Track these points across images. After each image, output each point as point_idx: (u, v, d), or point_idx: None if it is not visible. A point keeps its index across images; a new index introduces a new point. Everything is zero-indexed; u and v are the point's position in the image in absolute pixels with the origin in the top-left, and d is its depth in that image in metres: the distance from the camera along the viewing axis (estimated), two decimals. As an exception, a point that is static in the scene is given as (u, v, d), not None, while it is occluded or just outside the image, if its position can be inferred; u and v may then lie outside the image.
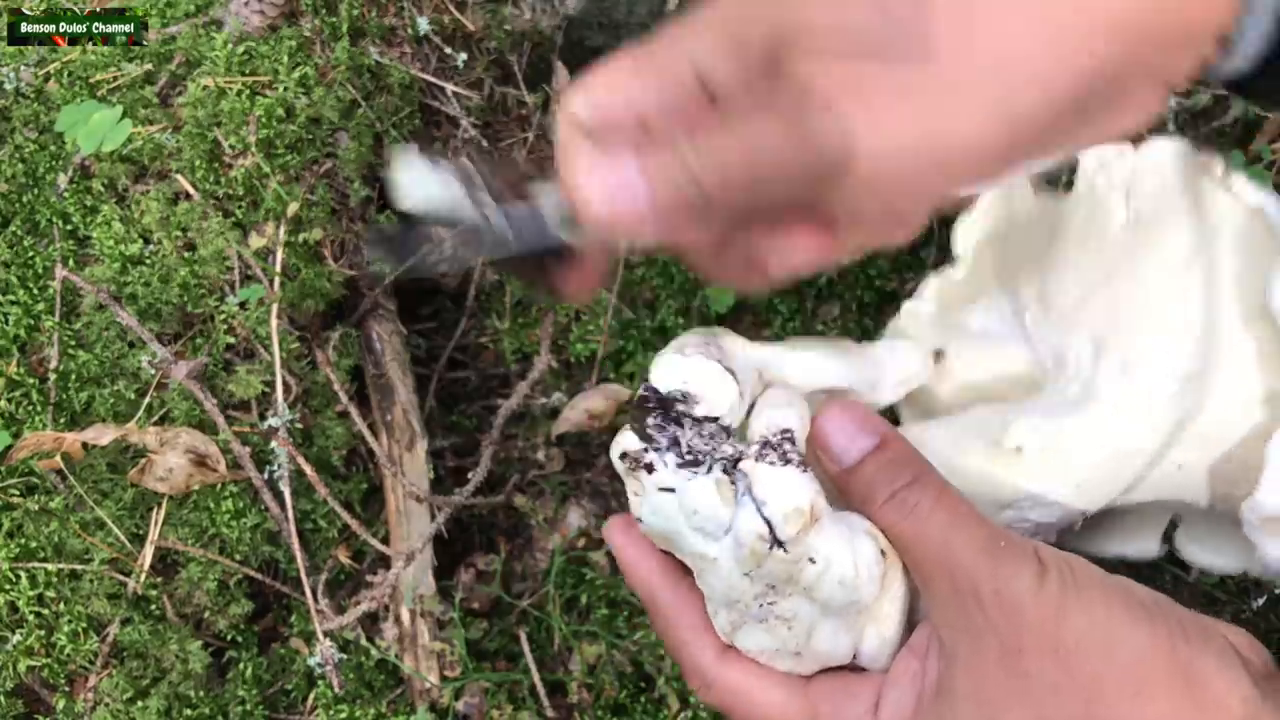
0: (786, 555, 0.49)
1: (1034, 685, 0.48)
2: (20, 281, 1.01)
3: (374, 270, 0.49)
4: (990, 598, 0.49)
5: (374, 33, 1.15)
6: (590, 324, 1.20)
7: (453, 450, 1.17)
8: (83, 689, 0.87)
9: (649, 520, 0.53)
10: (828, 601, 0.51)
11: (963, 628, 0.50)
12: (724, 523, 0.50)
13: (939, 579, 0.50)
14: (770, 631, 0.53)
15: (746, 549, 0.49)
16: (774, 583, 0.51)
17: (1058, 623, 0.48)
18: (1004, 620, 0.49)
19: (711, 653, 0.55)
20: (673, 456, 0.51)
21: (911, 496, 0.51)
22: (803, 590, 0.51)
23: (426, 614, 0.97)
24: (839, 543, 0.50)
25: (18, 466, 0.92)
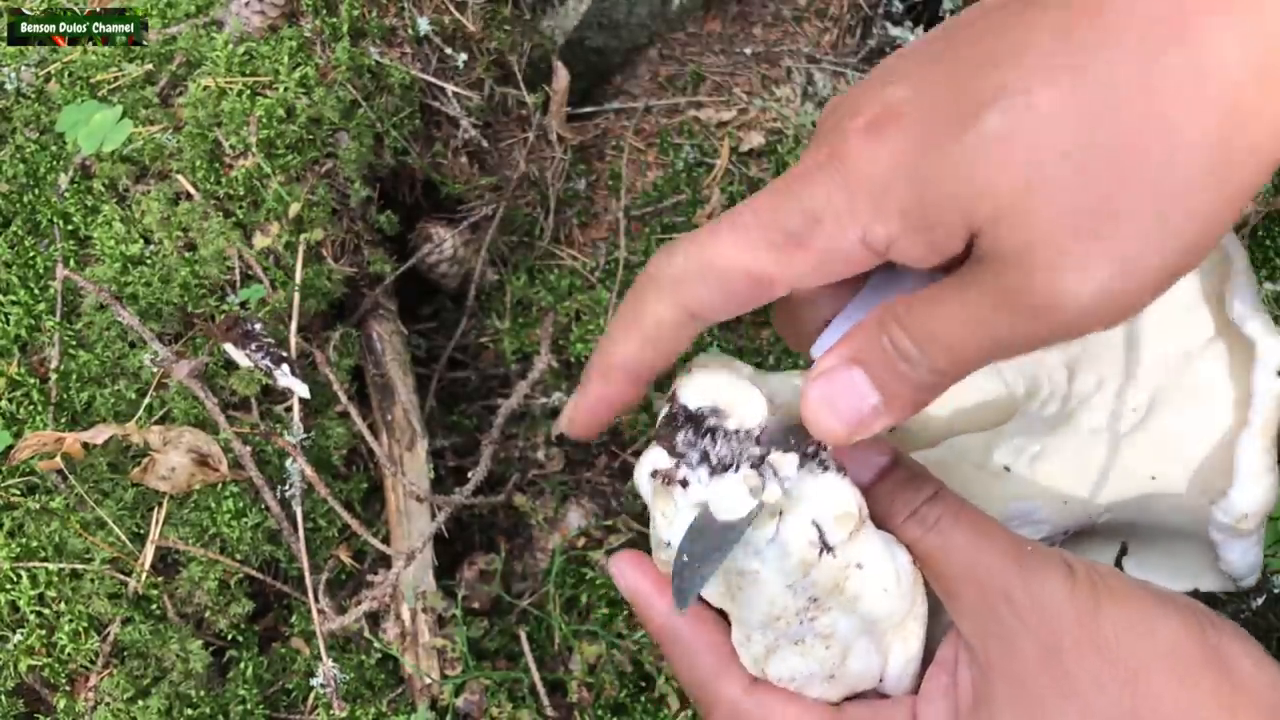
0: (836, 560, 0.49)
1: (1078, 682, 0.48)
2: (21, 281, 1.01)
3: None
4: (1023, 601, 0.49)
5: (374, 33, 1.15)
6: (590, 324, 1.20)
7: (453, 450, 1.17)
8: (83, 688, 0.87)
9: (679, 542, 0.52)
10: (869, 612, 0.51)
11: (996, 634, 0.50)
12: (768, 533, 0.49)
13: (967, 589, 0.50)
14: (805, 654, 0.52)
15: (796, 556, 0.49)
16: (818, 594, 0.50)
17: (1095, 619, 0.48)
18: (1040, 622, 0.49)
19: (740, 685, 0.54)
20: (705, 471, 0.50)
21: (932, 512, 0.51)
22: (848, 600, 0.50)
23: (429, 610, 0.98)
24: (882, 550, 0.50)
25: (19, 466, 0.92)
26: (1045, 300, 0.41)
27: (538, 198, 1.29)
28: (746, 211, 0.45)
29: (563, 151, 1.31)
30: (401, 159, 1.17)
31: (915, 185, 0.41)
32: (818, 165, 0.43)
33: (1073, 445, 0.65)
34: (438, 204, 1.25)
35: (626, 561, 0.56)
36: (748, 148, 1.34)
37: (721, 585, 0.52)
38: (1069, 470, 0.65)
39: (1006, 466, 0.64)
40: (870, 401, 0.46)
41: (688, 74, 1.45)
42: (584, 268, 1.26)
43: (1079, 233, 0.39)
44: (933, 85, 0.42)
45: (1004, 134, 0.40)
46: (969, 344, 0.43)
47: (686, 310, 0.47)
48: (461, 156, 1.23)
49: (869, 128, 0.42)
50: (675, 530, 0.51)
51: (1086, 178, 0.39)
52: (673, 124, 1.38)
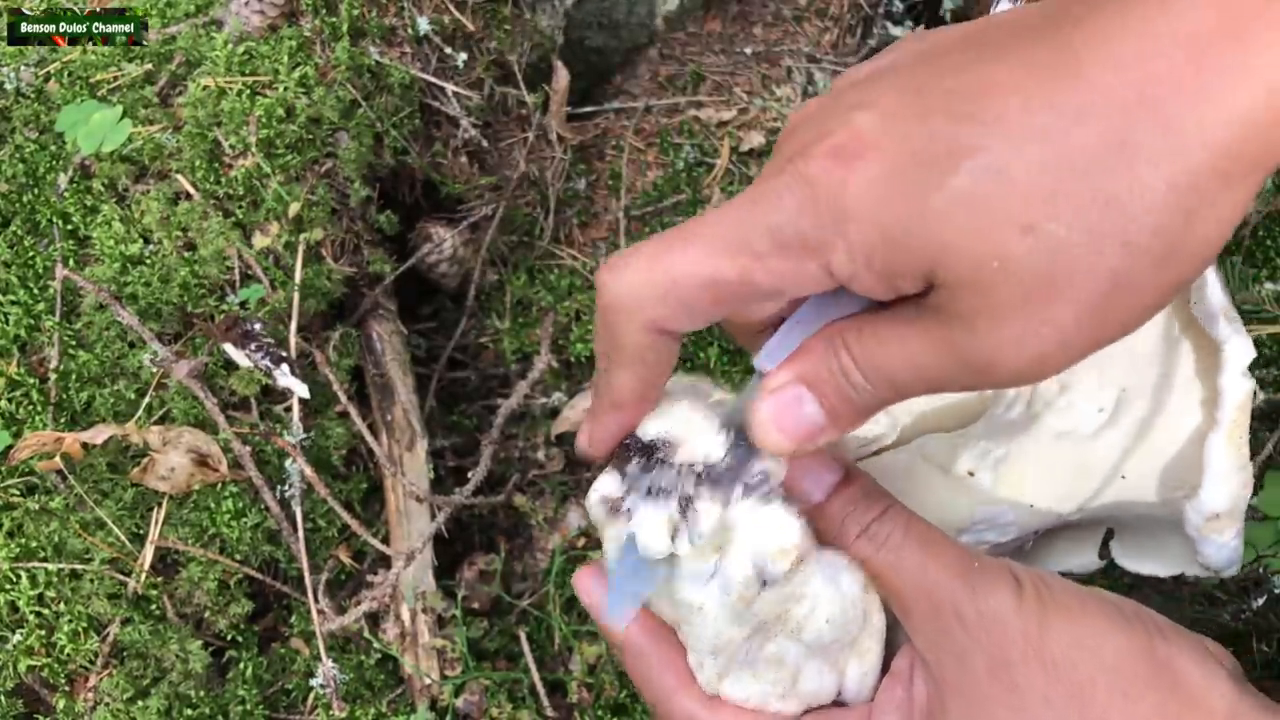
0: (775, 595, 0.50)
1: (1025, 697, 0.49)
2: (21, 281, 1.01)
3: None
4: (972, 617, 0.50)
5: (374, 33, 1.15)
6: (590, 324, 1.20)
7: (453, 450, 1.17)
8: (83, 689, 0.87)
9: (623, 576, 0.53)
10: (815, 641, 0.52)
11: (947, 649, 0.50)
12: (709, 568, 0.50)
13: (918, 605, 0.51)
14: (758, 676, 0.53)
15: (735, 593, 0.50)
16: (763, 622, 0.51)
17: (1042, 634, 0.49)
18: (988, 637, 0.50)
19: (698, 702, 0.55)
20: (645, 503, 0.51)
21: (883, 529, 0.52)
22: (791, 631, 0.51)
23: (429, 610, 0.97)
24: (825, 581, 0.51)
25: (18, 466, 0.92)
26: (984, 361, 0.43)
27: (538, 198, 1.29)
28: (705, 224, 0.45)
29: (563, 151, 1.31)
30: (401, 159, 1.17)
31: (881, 228, 0.42)
32: (785, 185, 0.44)
33: (1039, 448, 0.65)
34: (438, 204, 1.25)
35: (589, 576, 0.57)
36: (748, 147, 1.34)
37: (670, 612, 0.54)
38: (1036, 473, 0.65)
39: (971, 472, 0.65)
40: (816, 421, 0.47)
41: (688, 74, 1.45)
42: (584, 268, 1.26)
43: (1028, 306, 0.41)
44: (904, 121, 0.42)
45: (973, 200, 0.40)
46: (910, 379, 0.45)
47: (656, 328, 0.47)
48: (461, 156, 1.23)
49: (837, 154, 0.42)
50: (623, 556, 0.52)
51: (1045, 256, 0.40)
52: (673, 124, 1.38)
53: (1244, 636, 0.77)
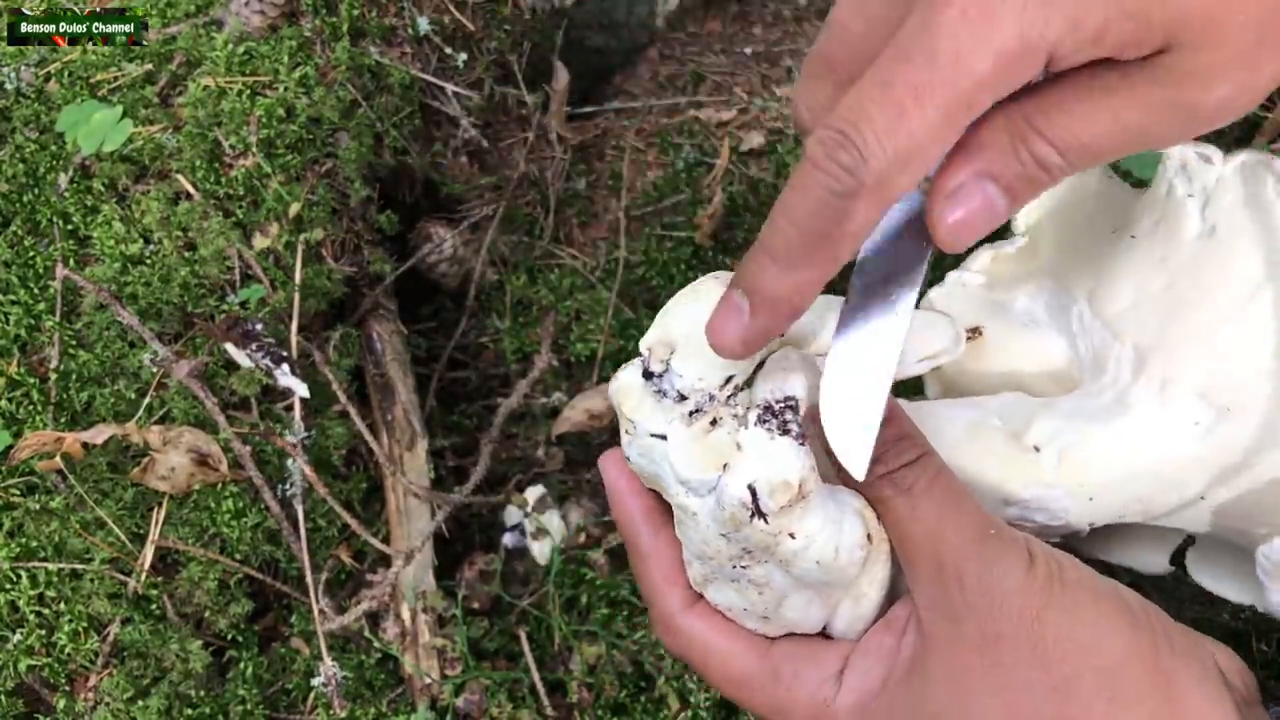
0: (767, 527, 0.49)
1: (1008, 677, 0.48)
2: (21, 281, 1.01)
3: None
4: (974, 584, 0.49)
5: (374, 33, 1.15)
6: (590, 324, 1.20)
7: (453, 450, 1.17)
8: (83, 688, 0.87)
9: (636, 461, 0.53)
10: (802, 577, 0.51)
11: (943, 611, 0.50)
12: (709, 481, 0.49)
13: (924, 560, 0.50)
14: (741, 592, 0.53)
15: (727, 513, 0.49)
16: (750, 549, 0.50)
17: (1039, 617, 0.48)
18: (985, 607, 0.49)
19: (679, 601, 0.56)
20: (670, 402, 0.50)
21: (909, 475, 0.51)
22: (779, 562, 0.50)
23: (429, 609, 0.98)
24: (824, 523, 0.50)
25: (19, 466, 0.92)
26: (1211, 108, 0.44)
27: (538, 198, 1.29)
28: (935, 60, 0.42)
29: (563, 151, 1.31)
30: (401, 159, 1.17)
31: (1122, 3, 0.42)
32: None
33: (1114, 444, 0.61)
34: (438, 204, 1.25)
35: (612, 461, 0.57)
36: (748, 147, 1.34)
37: (672, 508, 0.53)
38: (1105, 469, 0.61)
39: (1037, 447, 0.61)
40: (999, 207, 0.46)
41: (688, 74, 1.45)
42: (584, 267, 1.26)
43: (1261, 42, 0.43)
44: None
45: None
46: (1113, 144, 0.45)
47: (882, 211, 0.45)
48: (461, 156, 1.23)
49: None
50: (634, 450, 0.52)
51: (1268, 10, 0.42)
52: (673, 124, 1.38)
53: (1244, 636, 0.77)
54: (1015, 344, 0.68)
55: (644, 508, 0.57)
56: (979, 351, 0.69)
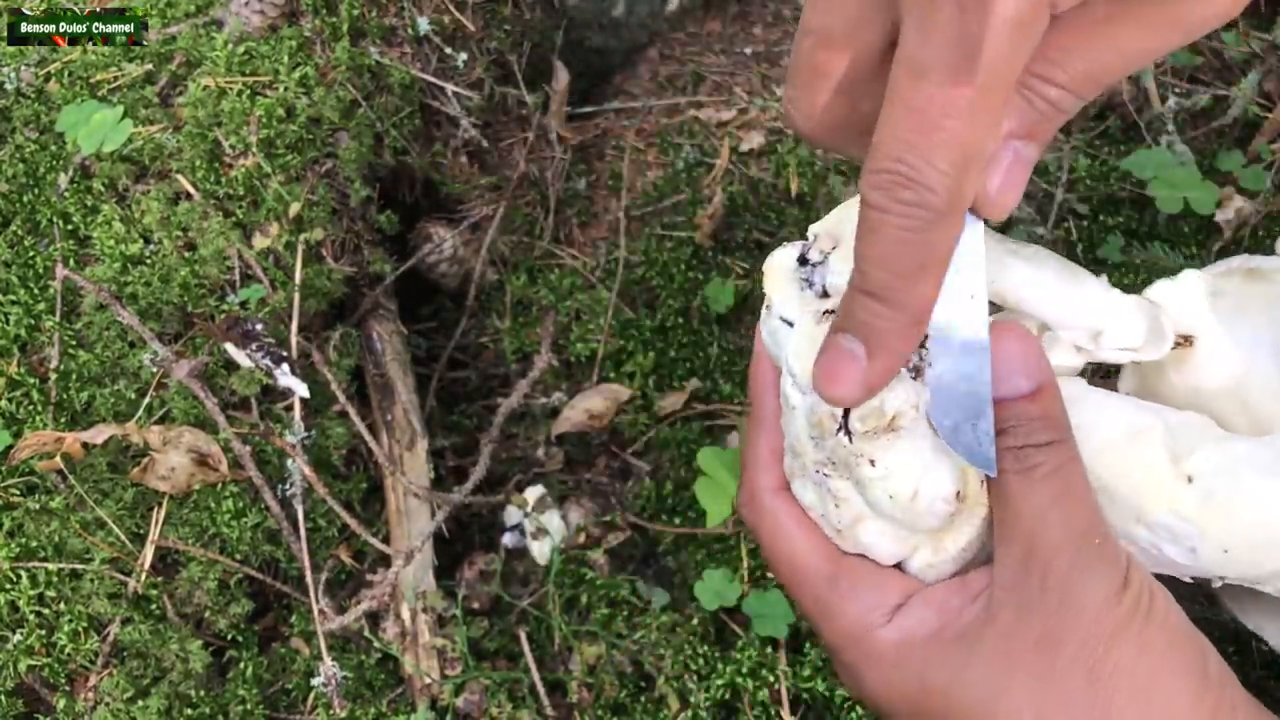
0: (850, 446, 0.48)
1: (1053, 687, 0.47)
2: (21, 281, 1.01)
3: None
4: (1057, 584, 0.48)
5: (374, 33, 1.15)
6: (590, 324, 1.20)
7: (453, 450, 1.17)
8: (83, 688, 0.87)
9: (765, 339, 0.53)
10: (876, 505, 0.50)
11: (1017, 597, 0.48)
12: (809, 382, 0.49)
13: (1018, 542, 0.49)
14: (820, 497, 0.52)
15: (817, 417, 0.49)
16: (834, 460, 0.50)
17: (1109, 640, 0.47)
18: (1059, 611, 0.47)
19: (773, 479, 0.56)
20: (811, 295, 0.51)
21: (1035, 456, 0.49)
22: (856, 483, 0.50)
23: (429, 609, 0.98)
24: (910, 462, 0.49)
25: (19, 466, 0.92)
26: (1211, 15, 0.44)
27: (538, 198, 1.29)
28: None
29: (563, 151, 1.31)
30: (401, 159, 1.17)
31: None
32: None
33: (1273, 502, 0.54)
34: (438, 204, 1.25)
35: (759, 335, 0.58)
36: (748, 147, 1.34)
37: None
38: (1253, 525, 0.55)
39: (1190, 477, 0.55)
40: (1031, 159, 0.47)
41: (688, 74, 1.45)
42: (584, 267, 1.26)
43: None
44: None
45: None
46: (1115, 71, 0.46)
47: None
48: (461, 156, 1.23)
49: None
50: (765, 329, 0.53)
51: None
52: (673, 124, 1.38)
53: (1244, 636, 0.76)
54: (1226, 368, 0.64)
55: (771, 380, 0.56)
56: (1185, 362, 0.65)
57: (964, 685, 0.49)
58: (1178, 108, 1.18)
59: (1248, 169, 1.12)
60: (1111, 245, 1.10)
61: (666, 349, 1.17)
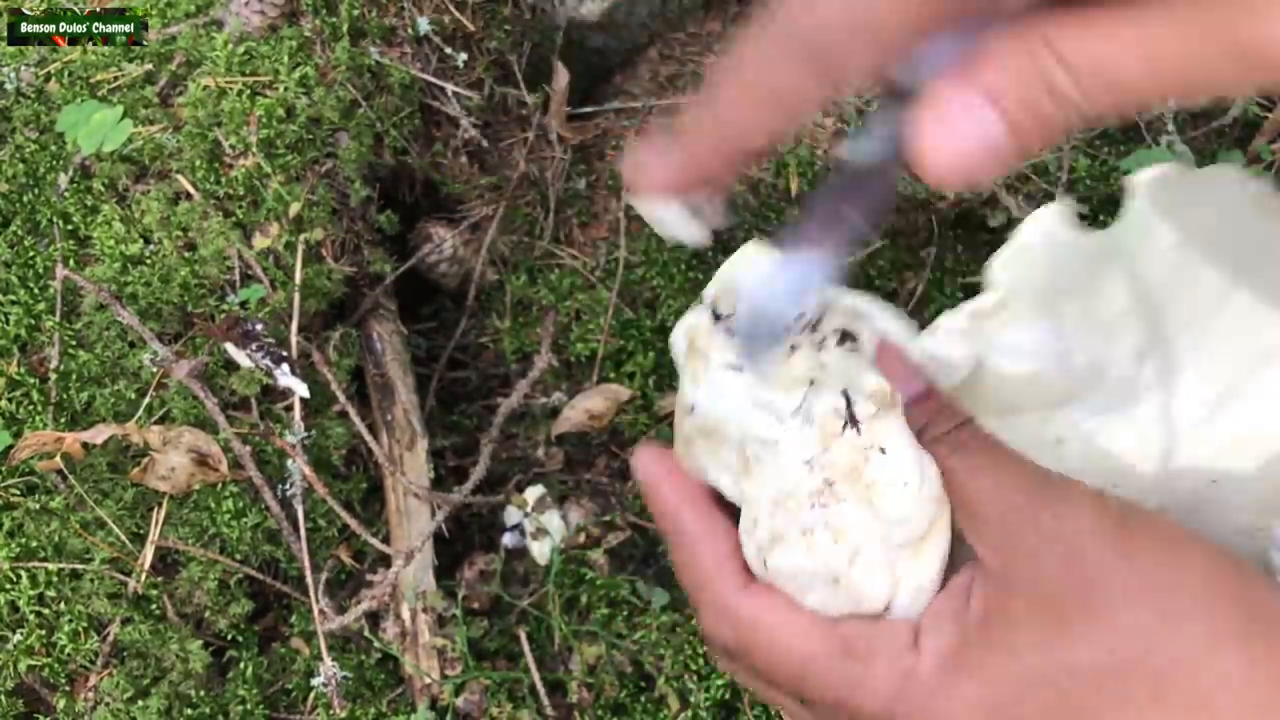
0: (859, 439, 0.47)
1: (1101, 591, 0.46)
2: (21, 281, 1.01)
3: None
4: (1048, 520, 0.47)
5: (374, 33, 1.15)
6: (590, 324, 1.20)
7: (453, 450, 1.17)
8: (83, 688, 0.87)
9: (703, 405, 0.50)
10: (885, 507, 0.49)
11: (1017, 547, 0.47)
12: (794, 401, 0.48)
13: (989, 509, 0.48)
14: (811, 548, 0.49)
15: (817, 425, 0.47)
16: (835, 477, 0.48)
17: (1123, 533, 0.47)
18: (1065, 536, 0.47)
19: (735, 583, 0.52)
20: (744, 334, 0.50)
21: (962, 436, 0.49)
22: (864, 488, 0.48)
23: (429, 609, 0.98)
24: (909, 443, 0.48)
25: (18, 466, 0.92)
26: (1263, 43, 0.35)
27: (538, 198, 1.29)
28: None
29: (563, 151, 1.31)
30: (401, 159, 1.17)
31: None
32: None
33: (1130, 431, 0.62)
34: (438, 204, 1.25)
35: (647, 454, 0.54)
36: (748, 147, 1.34)
37: (737, 461, 0.51)
38: (1122, 455, 0.61)
39: (1060, 439, 0.61)
40: (997, 138, 0.39)
41: (688, 74, 1.45)
42: (584, 267, 1.26)
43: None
44: None
45: None
46: (1141, 76, 0.37)
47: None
48: (461, 156, 1.23)
49: None
50: (703, 391, 0.50)
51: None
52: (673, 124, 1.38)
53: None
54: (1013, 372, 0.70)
55: (688, 491, 0.53)
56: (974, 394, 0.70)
57: (1026, 647, 0.47)
58: (1177, 107, 1.18)
59: (1248, 169, 1.12)
60: (1111, 245, 1.10)
61: (666, 349, 1.17)
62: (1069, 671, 0.46)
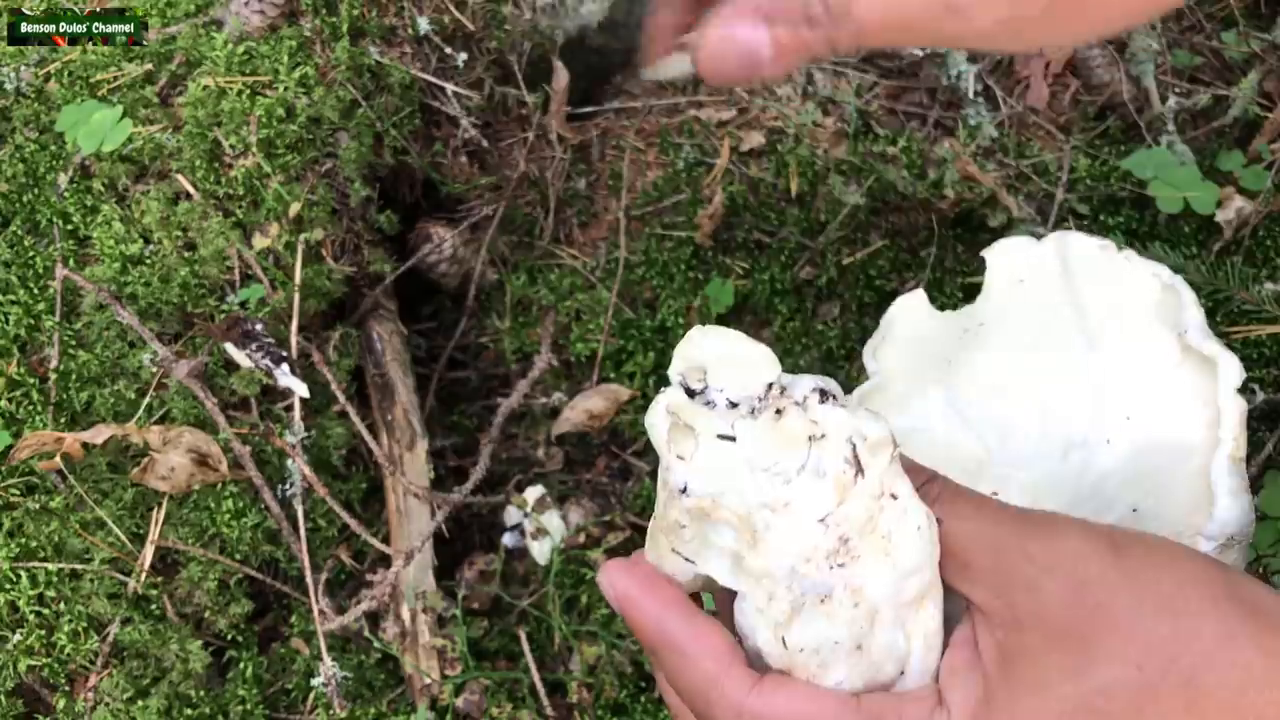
0: (870, 485, 0.47)
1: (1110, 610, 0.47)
2: (21, 281, 1.01)
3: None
4: (1040, 552, 0.48)
5: (374, 33, 1.15)
6: (590, 324, 1.20)
7: (453, 450, 1.17)
8: (83, 688, 0.87)
9: (698, 483, 0.49)
10: (901, 556, 0.49)
11: (1017, 585, 0.48)
12: (800, 458, 0.48)
13: (979, 554, 0.49)
14: (831, 616, 0.49)
15: (830, 477, 0.47)
16: (849, 533, 0.48)
17: (1118, 555, 0.48)
18: (1062, 563, 0.48)
19: (745, 686, 0.50)
20: (723, 409, 0.49)
21: (933, 489, 0.50)
22: (880, 540, 0.49)
23: (429, 609, 0.98)
24: (912, 489, 0.49)
25: (18, 466, 0.92)
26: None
27: (538, 198, 1.29)
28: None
29: (563, 151, 1.31)
30: (401, 159, 1.17)
31: None
32: None
33: (1054, 476, 0.66)
34: (438, 204, 1.25)
35: (616, 568, 0.51)
36: (748, 147, 1.34)
37: (739, 538, 0.49)
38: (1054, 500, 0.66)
39: (995, 493, 0.64)
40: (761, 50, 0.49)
41: (688, 74, 1.45)
42: (584, 267, 1.26)
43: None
44: None
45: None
46: (879, 19, 0.47)
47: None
48: (461, 156, 1.23)
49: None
50: (696, 467, 0.49)
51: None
52: (673, 124, 1.38)
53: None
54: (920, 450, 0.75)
55: (669, 597, 0.51)
56: None
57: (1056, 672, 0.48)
58: (1178, 108, 1.18)
59: (1248, 169, 1.12)
60: (1111, 245, 1.10)
61: (666, 349, 1.18)
62: (1102, 693, 0.46)
